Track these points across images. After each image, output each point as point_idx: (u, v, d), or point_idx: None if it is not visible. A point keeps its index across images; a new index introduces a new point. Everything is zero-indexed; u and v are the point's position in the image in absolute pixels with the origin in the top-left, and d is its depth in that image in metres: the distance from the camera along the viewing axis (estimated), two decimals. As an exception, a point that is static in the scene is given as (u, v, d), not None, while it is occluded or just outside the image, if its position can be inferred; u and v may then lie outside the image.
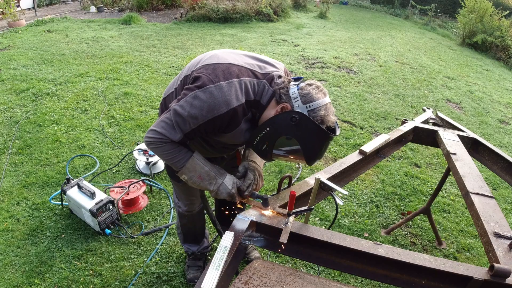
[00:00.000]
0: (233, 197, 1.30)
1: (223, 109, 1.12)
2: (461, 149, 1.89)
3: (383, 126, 4.18)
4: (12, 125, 3.43)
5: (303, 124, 1.13)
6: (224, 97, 1.12)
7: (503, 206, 3.03)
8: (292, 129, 1.15)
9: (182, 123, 1.17)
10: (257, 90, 1.20)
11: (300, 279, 1.01)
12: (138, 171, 2.91)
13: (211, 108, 1.12)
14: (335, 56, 6.74)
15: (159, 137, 1.19)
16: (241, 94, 1.16)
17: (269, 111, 1.22)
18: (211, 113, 1.13)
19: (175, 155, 1.23)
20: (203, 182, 1.27)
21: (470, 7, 10.45)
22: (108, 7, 10.15)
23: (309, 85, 1.18)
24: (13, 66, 4.89)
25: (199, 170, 1.25)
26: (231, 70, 1.17)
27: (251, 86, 1.19)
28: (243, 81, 1.17)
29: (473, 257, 2.40)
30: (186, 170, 1.25)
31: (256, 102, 1.21)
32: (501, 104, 5.72)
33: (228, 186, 1.28)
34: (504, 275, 1.03)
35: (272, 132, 1.18)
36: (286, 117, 1.14)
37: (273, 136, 1.19)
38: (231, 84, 1.14)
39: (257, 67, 1.24)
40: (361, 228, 2.52)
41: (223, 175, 1.30)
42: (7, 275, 1.96)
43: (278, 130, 1.17)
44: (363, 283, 2.11)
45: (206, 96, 1.12)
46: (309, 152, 1.18)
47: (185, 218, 1.86)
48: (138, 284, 1.97)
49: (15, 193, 2.56)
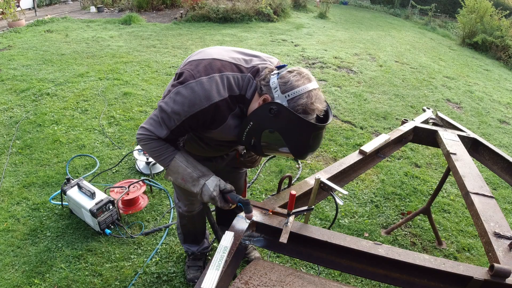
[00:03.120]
0: (215, 200, 1.22)
1: (204, 104, 1.11)
2: (461, 149, 1.89)
3: (383, 126, 4.18)
4: (12, 125, 3.43)
5: (282, 115, 1.06)
6: (205, 92, 1.10)
7: (503, 206, 3.03)
8: (272, 121, 1.08)
9: (167, 120, 1.17)
10: (242, 84, 1.16)
11: (300, 279, 1.01)
12: (138, 171, 2.91)
13: (192, 103, 1.11)
14: (335, 56, 6.74)
15: (147, 134, 1.21)
16: (223, 89, 1.13)
17: (253, 104, 1.17)
18: (192, 109, 1.11)
19: (161, 153, 1.24)
20: (187, 184, 1.24)
21: (470, 7, 10.44)
22: (108, 7, 10.15)
23: (290, 72, 1.10)
24: (13, 66, 4.89)
25: (182, 172, 1.24)
26: (213, 65, 1.15)
27: (235, 81, 1.15)
28: (225, 76, 1.14)
29: (473, 257, 2.40)
30: (170, 172, 1.25)
31: (241, 96, 1.17)
32: (501, 104, 5.72)
33: (210, 188, 1.22)
34: (504, 275, 1.03)
35: (256, 127, 1.13)
36: (265, 109, 1.08)
37: (257, 131, 1.13)
38: (211, 79, 1.11)
39: (243, 61, 1.20)
40: (361, 228, 2.52)
41: (206, 177, 1.24)
42: (7, 275, 1.96)
43: (260, 124, 1.12)
44: (363, 283, 2.11)
45: (187, 92, 1.11)
46: (294, 145, 1.11)
47: (185, 218, 1.86)
48: (138, 284, 1.97)
49: (15, 193, 2.56)
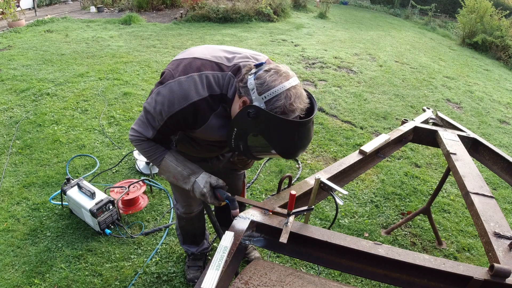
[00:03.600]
0: (205, 196, 1.23)
1: (182, 104, 1.10)
2: (461, 149, 1.89)
3: (383, 126, 4.18)
4: (12, 125, 3.43)
5: (261, 118, 1.01)
6: (183, 91, 1.09)
7: (503, 206, 3.03)
8: (253, 125, 1.04)
9: (152, 120, 1.18)
10: (222, 83, 1.13)
11: (300, 279, 1.01)
12: (138, 171, 2.91)
13: (171, 103, 1.11)
14: (335, 56, 6.74)
15: (136, 135, 1.23)
16: (202, 88, 1.10)
17: (235, 105, 1.13)
18: (171, 108, 1.11)
19: (151, 154, 1.26)
20: (179, 182, 1.27)
21: (470, 7, 10.45)
22: (108, 7, 10.15)
23: (267, 72, 1.03)
24: (13, 66, 4.89)
25: (172, 171, 1.25)
26: (193, 64, 1.13)
27: (215, 79, 1.12)
28: (204, 75, 1.11)
29: (473, 257, 2.40)
30: (162, 171, 1.28)
31: (223, 96, 1.14)
32: (501, 104, 5.72)
33: (200, 185, 1.23)
34: (504, 275, 1.03)
35: (240, 132, 1.09)
36: (244, 114, 1.04)
37: (242, 136, 1.09)
38: (190, 78, 1.10)
39: (225, 59, 1.16)
40: (361, 228, 2.52)
41: (196, 174, 1.24)
42: (7, 275, 1.96)
43: (243, 128, 1.08)
44: (363, 283, 2.11)
45: (166, 91, 1.11)
46: (280, 146, 1.05)
47: (183, 220, 1.86)
48: (138, 284, 1.97)
49: (15, 193, 2.56)
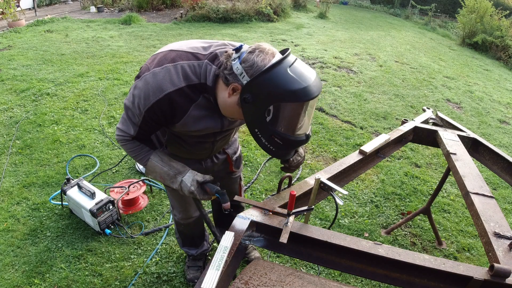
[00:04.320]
0: (194, 194, 1.23)
1: (157, 95, 1.08)
2: (461, 149, 1.89)
3: (383, 126, 4.18)
4: (12, 125, 3.43)
5: (261, 95, 1.00)
6: (157, 82, 1.07)
7: (503, 206, 3.03)
8: (259, 108, 1.01)
9: (132, 116, 1.17)
10: (199, 72, 1.10)
11: (300, 279, 1.01)
12: (138, 171, 2.90)
13: (146, 95, 1.09)
14: (335, 56, 6.74)
15: (120, 134, 1.23)
16: (177, 78, 1.08)
17: (222, 93, 1.10)
18: (147, 101, 1.09)
19: (137, 154, 1.25)
20: (166, 182, 1.26)
21: (470, 7, 10.44)
22: (108, 7, 10.15)
23: (251, 53, 1.02)
24: (13, 66, 4.89)
25: (159, 171, 1.24)
26: (167, 56, 1.12)
27: (191, 69, 1.10)
28: (179, 65, 1.09)
29: (473, 257, 2.40)
30: (148, 171, 1.26)
31: (202, 85, 1.12)
32: (501, 104, 5.71)
33: (187, 184, 1.22)
34: (504, 275, 1.03)
35: (253, 123, 1.05)
36: (242, 102, 1.02)
37: (259, 125, 1.04)
38: (164, 69, 1.08)
39: (201, 49, 1.14)
40: (361, 228, 2.52)
41: (182, 173, 1.23)
42: (7, 275, 1.96)
43: (252, 118, 1.04)
44: (363, 283, 2.11)
45: (141, 84, 1.10)
46: (292, 93, 0.99)
47: (181, 226, 1.85)
48: (138, 284, 1.97)
49: (15, 193, 2.56)
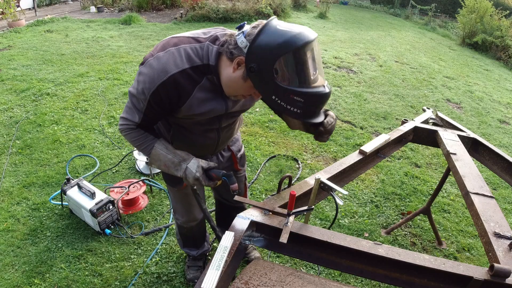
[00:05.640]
0: (199, 180, 1.24)
1: (162, 77, 1.11)
2: (461, 149, 1.89)
3: (383, 126, 4.18)
4: (12, 125, 3.43)
5: (265, 65, 1.00)
6: (161, 65, 1.11)
7: (503, 206, 3.03)
8: (267, 72, 1.01)
9: (137, 103, 1.19)
10: (202, 54, 1.14)
11: (300, 279, 1.01)
12: (138, 171, 2.91)
13: (152, 78, 1.12)
14: (335, 56, 6.74)
15: (125, 123, 1.24)
16: (180, 60, 1.12)
17: (226, 70, 1.13)
18: (152, 84, 1.12)
19: (141, 143, 1.27)
20: (170, 170, 1.27)
21: (470, 7, 10.44)
22: (108, 7, 10.15)
23: (255, 28, 1.05)
24: (13, 66, 4.89)
25: (163, 159, 1.26)
26: (170, 41, 1.16)
27: (193, 51, 1.14)
28: (182, 48, 1.13)
29: (473, 257, 2.40)
30: (152, 160, 1.28)
31: (205, 66, 1.14)
32: (501, 104, 5.71)
33: (192, 170, 1.23)
34: (504, 275, 1.03)
35: (267, 90, 1.05)
36: (249, 73, 1.04)
37: (274, 90, 1.03)
38: (168, 53, 1.12)
39: (201, 34, 1.19)
40: (361, 228, 2.52)
41: (187, 160, 1.25)
42: (7, 275, 1.96)
43: (264, 86, 1.04)
44: (363, 283, 2.11)
45: (146, 69, 1.13)
46: (299, 73, 1.01)
47: (184, 229, 1.86)
48: (138, 284, 1.97)
49: (15, 193, 2.56)
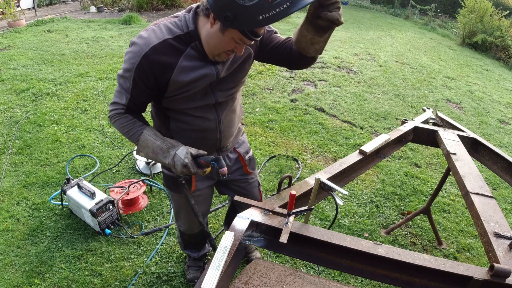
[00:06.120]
0: (187, 167, 1.23)
1: (144, 49, 1.15)
2: (461, 149, 1.89)
3: (383, 126, 4.18)
4: (12, 125, 3.43)
5: (242, 12, 0.97)
6: (144, 39, 1.16)
7: (503, 206, 3.03)
8: (239, 9, 0.97)
9: (123, 83, 1.24)
10: (180, 24, 1.19)
11: (300, 279, 1.01)
12: (138, 171, 2.91)
13: (135, 53, 1.16)
14: (335, 56, 6.74)
15: (112, 109, 1.28)
16: (160, 33, 1.17)
17: (205, 29, 1.15)
18: (136, 58, 1.16)
19: (129, 129, 1.29)
20: (158, 157, 1.27)
21: (470, 7, 10.44)
22: (108, 7, 10.15)
23: None
24: (13, 66, 4.89)
25: (151, 145, 1.27)
26: (150, 25, 1.22)
27: (172, 24, 1.19)
28: (161, 23, 1.20)
29: (473, 257, 2.40)
30: (140, 147, 1.29)
31: (186, 34, 1.18)
32: (501, 104, 5.71)
33: (181, 156, 1.23)
34: (504, 275, 1.03)
35: (249, 19, 0.98)
36: (224, 21, 1.02)
37: (256, 11, 0.96)
38: (148, 30, 1.19)
39: (178, 12, 1.26)
40: (361, 228, 2.52)
41: (176, 147, 1.26)
42: (7, 275, 1.96)
43: (245, 20, 0.99)
44: (363, 283, 2.11)
45: (131, 48, 1.19)
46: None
47: (186, 235, 1.87)
48: (138, 284, 1.97)
49: (15, 193, 2.56)
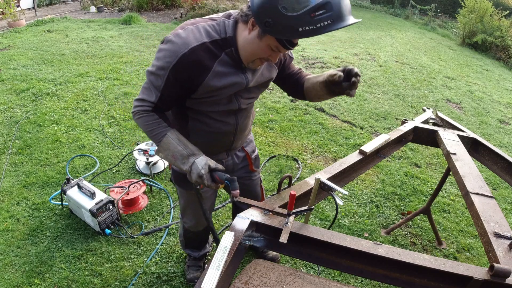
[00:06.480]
0: (202, 178, 1.22)
1: (182, 50, 1.14)
2: (461, 149, 1.89)
3: (383, 126, 4.18)
4: (12, 125, 3.43)
5: (279, 18, 1.01)
6: (182, 39, 1.15)
7: (503, 206, 3.03)
8: (280, 15, 1.00)
9: (155, 80, 1.21)
10: (219, 29, 1.19)
11: (300, 279, 1.01)
12: (138, 171, 2.91)
13: (172, 52, 1.15)
14: (335, 56, 6.74)
15: (139, 104, 1.25)
16: (199, 35, 1.16)
17: (242, 36, 1.17)
18: (173, 58, 1.15)
19: (153, 128, 1.26)
20: (177, 162, 1.27)
21: (470, 7, 10.44)
22: (108, 7, 10.15)
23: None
24: (13, 66, 4.89)
25: (172, 149, 1.26)
26: (187, 22, 1.22)
27: (210, 27, 1.19)
28: (200, 25, 1.19)
29: (473, 257, 2.40)
30: (161, 148, 1.28)
31: (223, 39, 1.19)
32: (501, 104, 5.71)
33: (198, 166, 1.23)
34: (504, 275, 1.03)
35: (287, 28, 1.02)
36: (264, 28, 1.05)
37: (295, 22, 1.00)
38: (187, 29, 1.17)
39: (215, 15, 1.26)
40: (361, 228, 2.52)
41: (196, 156, 1.25)
42: (7, 275, 1.96)
43: (284, 28, 1.03)
44: (363, 283, 2.11)
45: (167, 46, 1.17)
46: None
47: (190, 233, 1.86)
48: (138, 284, 1.97)
49: (15, 193, 2.56)
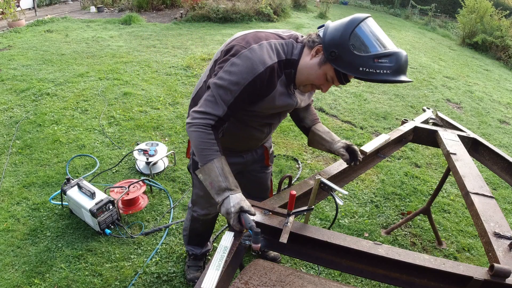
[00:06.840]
0: (229, 215, 1.17)
1: (260, 68, 1.16)
2: (461, 149, 1.89)
3: (383, 126, 4.18)
4: (12, 125, 3.43)
5: (345, 51, 1.12)
6: (259, 57, 1.16)
7: (503, 206, 3.03)
8: (346, 50, 1.12)
9: (224, 94, 1.18)
10: (287, 49, 1.24)
11: (300, 279, 1.01)
12: (138, 171, 2.91)
13: (249, 69, 1.15)
14: (335, 56, 6.73)
15: (201, 117, 1.19)
16: (273, 54, 1.20)
17: (304, 59, 1.24)
18: (250, 74, 1.16)
19: (205, 148, 1.20)
20: (212, 190, 1.23)
21: (470, 7, 10.45)
22: (108, 7, 10.15)
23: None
24: (13, 66, 4.89)
25: (213, 177, 1.21)
26: (259, 35, 1.23)
27: (280, 46, 1.23)
28: (272, 42, 1.22)
29: (473, 257, 2.40)
30: (203, 171, 1.24)
31: (288, 60, 1.24)
32: (501, 104, 5.72)
33: (230, 202, 1.17)
34: (504, 275, 1.03)
35: (352, 65, 1.13)
36: (329, 57, 1.15)
37: (358, 62, 1.12)
38: (262, 46, 1.19)
39: (280, 32, 1.30)
40: (361, 228, 2.52)
41: (233, 191, 1.20)
42: (7, 275, 1.96)
43: (347, 63, 1.13)
44: (363, 283, 2.11)
45: (242, 61, 1.16)
46: None
47: (199, 222, 1.83)
48: (138, 284, 1.97)
49: (15, 193, 2.56)
